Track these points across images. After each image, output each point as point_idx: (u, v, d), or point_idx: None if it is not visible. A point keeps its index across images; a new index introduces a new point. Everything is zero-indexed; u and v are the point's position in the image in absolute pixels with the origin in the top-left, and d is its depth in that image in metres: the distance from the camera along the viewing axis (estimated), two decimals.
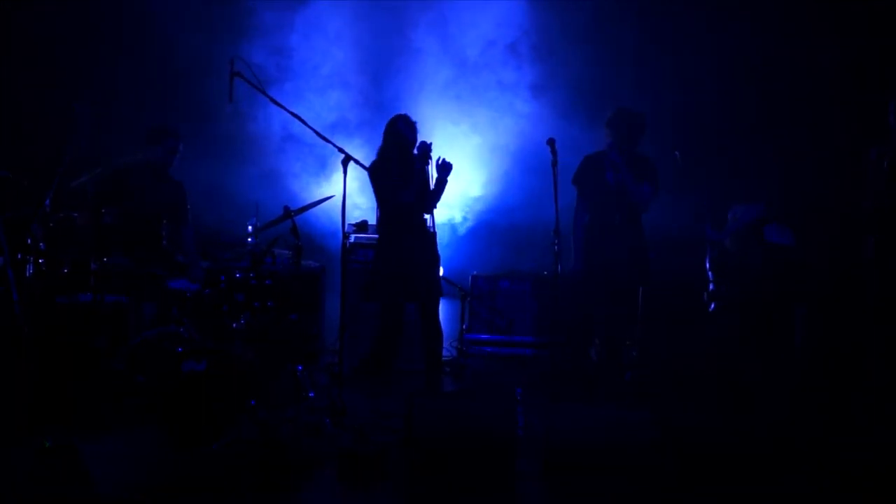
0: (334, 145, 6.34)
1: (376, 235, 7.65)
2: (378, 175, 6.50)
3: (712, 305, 6.94)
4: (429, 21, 8.38)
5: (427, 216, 6.56)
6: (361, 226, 7.82)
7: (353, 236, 7.62)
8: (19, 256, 5.88)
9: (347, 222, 6.55)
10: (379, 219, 6.77)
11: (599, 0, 8.23)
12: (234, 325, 6.02)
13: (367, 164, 6.54)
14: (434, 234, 6.61)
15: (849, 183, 7.20)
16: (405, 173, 6.44)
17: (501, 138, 8.33)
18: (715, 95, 7.78)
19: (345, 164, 6.28)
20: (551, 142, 6.65)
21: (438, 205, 6.62)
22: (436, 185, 6.52)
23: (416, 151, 6.45)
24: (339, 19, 8.45)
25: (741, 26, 8.06)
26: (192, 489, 5.02)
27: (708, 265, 7.00)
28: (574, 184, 6.99)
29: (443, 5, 8.41)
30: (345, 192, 6.29)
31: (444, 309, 6.66)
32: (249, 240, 6.48)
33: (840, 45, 7.88)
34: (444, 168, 6.49)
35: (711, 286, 6.96)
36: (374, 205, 7.92)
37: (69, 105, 5.93)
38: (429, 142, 6.45)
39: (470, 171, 8.54)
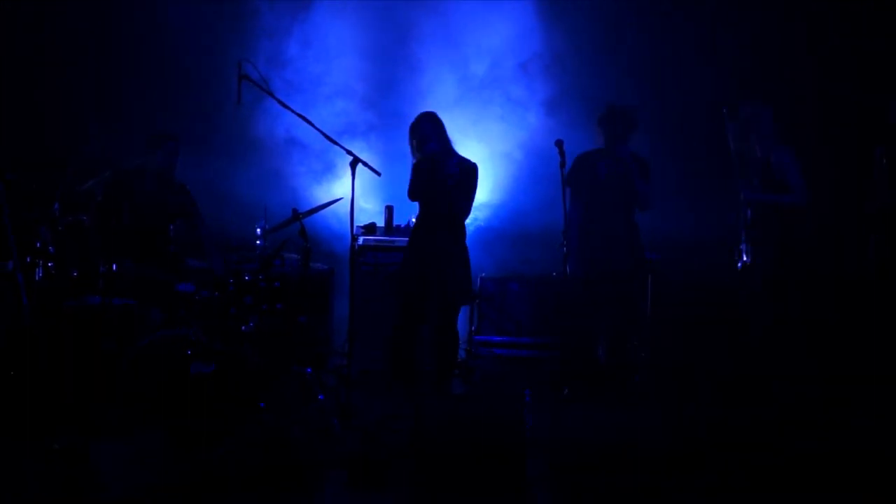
0: (342, 147, 6.35)
1: (385, 237, 7.71)
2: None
3: (740, 263, 6.91)
4: (436, 32, 8.37)
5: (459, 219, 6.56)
6: (370, 228, 7.82)
7: (361, 238, 7.61)
8: (28, 259, 5.90)
9: (356, 224, 6.54)
10: None
11: (609, 11, 8.22)
12: (243, 327, 6.01)
13: (375, 165, 6.53)
14: None
15: (851, 183, 7.20)
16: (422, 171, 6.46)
17: (510, 147, 8.33)
18: (718, 96, 7.78)
19: (353, 166, 6.28)
20: (559, 143, 6.69)
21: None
22: (458, 187, 6.50)
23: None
24: (345, 28, 8.44)
25: (742, 28, 8.07)
26: (200, 492, 5.01)
27: (742, 222, 6.96)
28: (567, 184, 6.96)
29: (450, 16, 8.40)
30: (353, 195, 6.30)
31: None
32: (258, 242, 6.46)
33: (840, 45, 7.87)
34: (464, 170, 6.48)
35: (743, 245, 6.93)
36: (382, 208, 7.98)
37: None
38: (429, 152, 6.44)
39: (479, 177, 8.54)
